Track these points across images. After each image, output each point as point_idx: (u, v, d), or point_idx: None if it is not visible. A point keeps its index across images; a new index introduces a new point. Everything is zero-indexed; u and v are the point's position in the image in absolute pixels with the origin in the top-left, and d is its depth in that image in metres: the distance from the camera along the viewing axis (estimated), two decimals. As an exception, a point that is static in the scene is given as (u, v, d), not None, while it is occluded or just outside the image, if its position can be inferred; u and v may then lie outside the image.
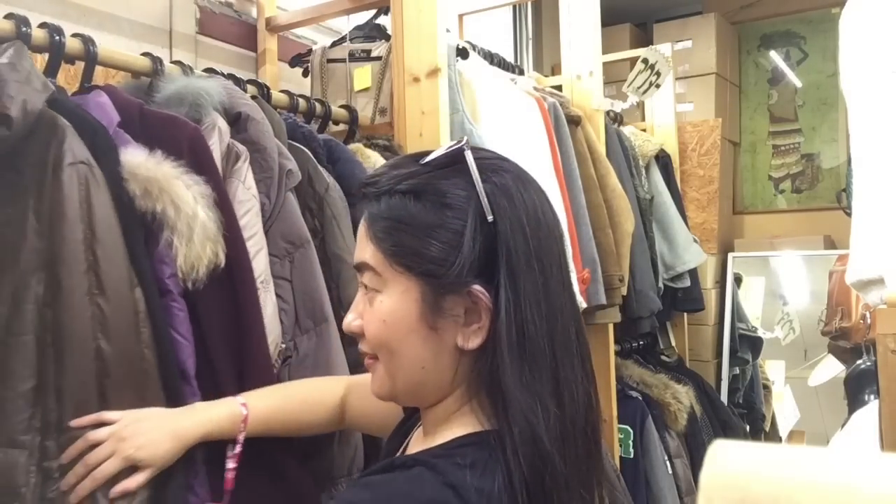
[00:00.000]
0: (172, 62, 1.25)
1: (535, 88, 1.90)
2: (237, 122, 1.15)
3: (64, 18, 1.52)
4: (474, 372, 0.67)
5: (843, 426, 1.94)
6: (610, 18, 2.77)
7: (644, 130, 2.72)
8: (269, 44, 1.94)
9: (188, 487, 0.92)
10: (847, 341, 2.82)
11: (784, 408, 3.18)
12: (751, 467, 0.31)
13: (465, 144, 0.68)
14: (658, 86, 2.26)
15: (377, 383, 0.72)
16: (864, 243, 1.13)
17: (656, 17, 3.61)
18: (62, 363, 0.83)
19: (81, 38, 1.08)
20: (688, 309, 2.68)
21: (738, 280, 3.14)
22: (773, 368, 3.22)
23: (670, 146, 2.76)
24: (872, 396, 2.27)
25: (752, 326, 3.09)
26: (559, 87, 2.07)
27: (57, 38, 1.03)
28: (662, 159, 2.60)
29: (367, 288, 0.70)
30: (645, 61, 2.21)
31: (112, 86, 1.10)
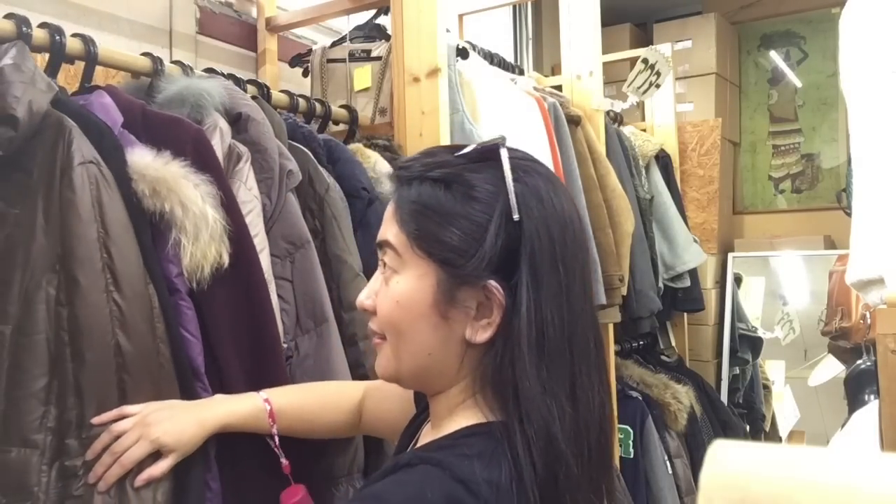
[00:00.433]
0: (172, 62, 1.25)
1: (535, 88, 1.90)
2: (238, 122, 1.15)
3: (64, 18, 1.52)
4: (481, 366, 0.68)
5: (843, 426, 1.94)
6: (610, 18, 2.77)
7: (644, 130, 2.72)
8: (269, 44, 1.94)
9: (204, 482, 0.93)
10: (847, 341, 2.82)
11: (784, 408, 3.18)
12: (751, 467, 0.31)
13: (501, 142, 0.70)
14: (658, 86, 2.26)
15: (383, 363, 0.73)
16: (864, 243, 1.13)
17: (656, 17, 3.61)
18: (82, 360, 0.84)
19: (82, 38, 1.08)
20: (688, 309, 2.68)
21: (738, 280, 3.14)
22: (773, 368, 3.22)
23: (670, 146, 2.77)
24: (872, 396, 2.27)
25: (752, 326, 3.09)
26: (559, 87, 2.07)
27: (57, 38, 1.03)
28: (662, 159, 2.60)
29: (386, 267, 0.71)
30: (645, 61, 2.21)
31: (113, 86, 1.10)
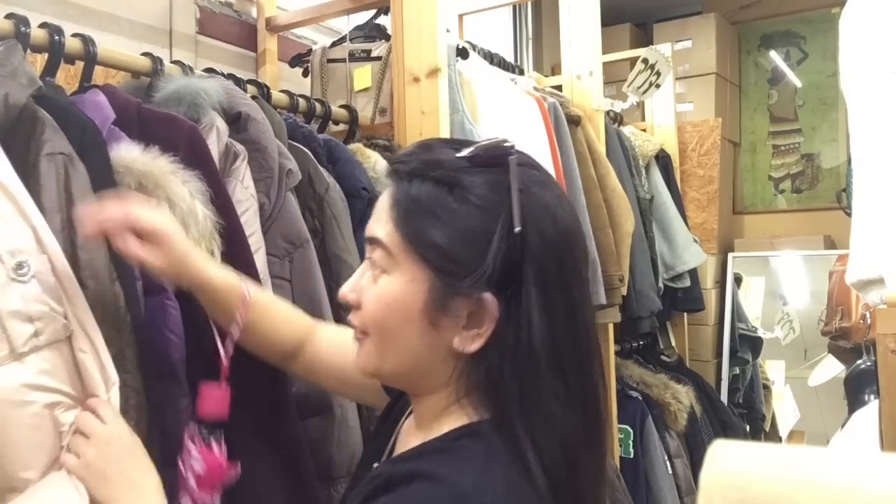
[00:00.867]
0: (172, 62, 1.25)
1: (535, 88, 1.90)
2: (237, 121, 1.15)
3: (64, 18, 1.52)
4: (472, 373, 0.66)
5: (843, 426, 1.94)
6: (610, 18, 2.77)
7: (644, 130, 2.72)
8: (269, 44, 1.94)
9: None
10: (847, 341, 2.82)
11: (784, 408, 3.18)
12: (751, 467, 0.31)
13: (510, 147, 0.67)
14: (658, 86, 2.26)
15: (364, 357, 0.70)
16: (864, 243, 1.13)
17: (656, 17, 3.60)
18: None
19: (81, 38, 1.08)
20: (688, 309, 2.68)
21: (738, 280, 3.14)
22: (773, 368, 3.22)
23: (670, 146, 2.77)
24: (872, 396, 2.27)
25: (752, 326, 3.09)
26: (559, 87, 2.07)
27: (57, 38, 1.03)
28: (662, 159, 2.60)
29: (375, 264, 0.68)
30: (645, 61, 2.21)
31: (111, 85, 1.10)
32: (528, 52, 3.44)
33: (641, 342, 2.38)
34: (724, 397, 2.88)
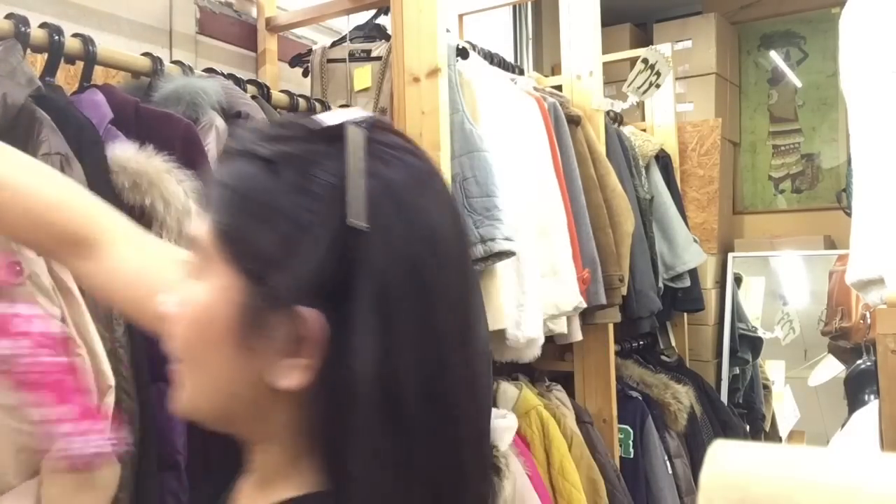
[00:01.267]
0: (172, 62, 1.25)
1: (535, 88, 1.90)
2: (237, 121, 1.15)
3: (64, 18, 1.52)
4: (305, 420, 0.49)
5: (843, 426, 1.94)
6: (610, 18, 2.77)
7: (644, 130, 2.72)
8: (269, 44, 1.94)
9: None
10: (847, 341, 2.83)
11: (784, 408, 3.18)
12: (751, 467, 0.31)
13: (360, 116, 0.51)
14: (658, 86, 2.26)
15: (178, 395, 0.53)
16: (864, 243, 1.13)
17: (656, 17, 3.60)
18: None
19: (81, 37, 1.08)
20: (688, 309, 2.68)
21: (738, 280, 3.14)
22: (773, 368, 3.22)
23: (670, 146, 2.77)
24: (872, 396, 2.27)
25: (752, 326, 3.09)
26: (559, 87, 2.07)
27: (56, 37, 1.03)
28: (662, 159, 2.60)
29: (191, 270, 0.53)
30: (645, 61, 2.21)
31: (110, 85, 1.11)
32: (528, 52, 3.44)
33: (641, 342, 2.39)
34: (724, 397, 2.88)
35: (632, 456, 2.07)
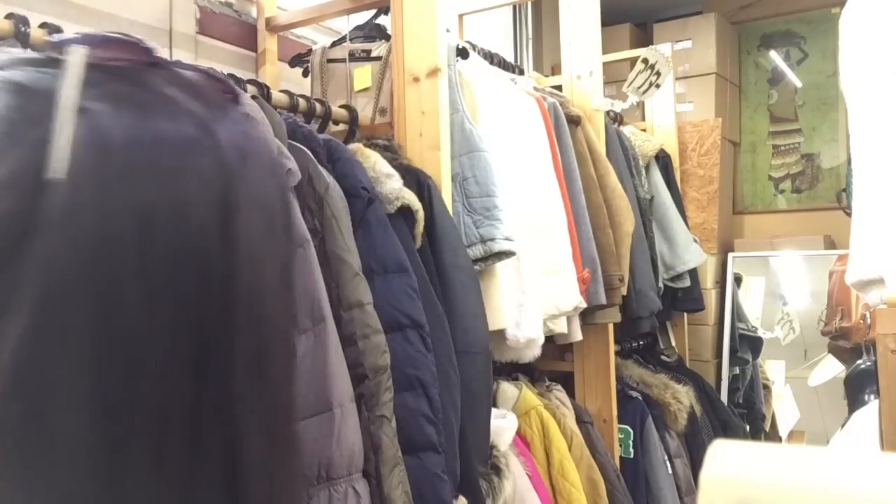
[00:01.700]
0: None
1: (535, 88, 1.90)
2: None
3: (64, 18, 1.52)
4: None
5: (843, 426, 1.94)
6: (610, 18, 2.77)
7: (644, 130, 2.72)
8: (269, 44, 1.94)
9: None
10: (847, 341, 2.83)
11: (784, 408, 3.18)
12: (751, 467, 0.31)
13: (87, 36, 0.40)
14: (658, 86, 2.26)
15: None
16: (864, 243, 1.13)
17: (656, 17, 3.61)
18: None
19: (81, 37, 1.08)
20: (688, 309, 2.68)
21: (738, 280, 3.14)
22: (773, 368, 3.22)
23: (670, 146, 2.77)
24: (872, 396, 2.28)
25: (752, 326, 3.09)
26: (559, 87, 2.07)
27: (57, 37, 1.03)
28: (662, 159, 2.60)
29: None
30: (645, 61, 2.21)
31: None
32: (528, 52, 3.44)
33: (641, 342, 2.39)
34: (724, 397, 2.88)
35: (632, 456, 2.07)
